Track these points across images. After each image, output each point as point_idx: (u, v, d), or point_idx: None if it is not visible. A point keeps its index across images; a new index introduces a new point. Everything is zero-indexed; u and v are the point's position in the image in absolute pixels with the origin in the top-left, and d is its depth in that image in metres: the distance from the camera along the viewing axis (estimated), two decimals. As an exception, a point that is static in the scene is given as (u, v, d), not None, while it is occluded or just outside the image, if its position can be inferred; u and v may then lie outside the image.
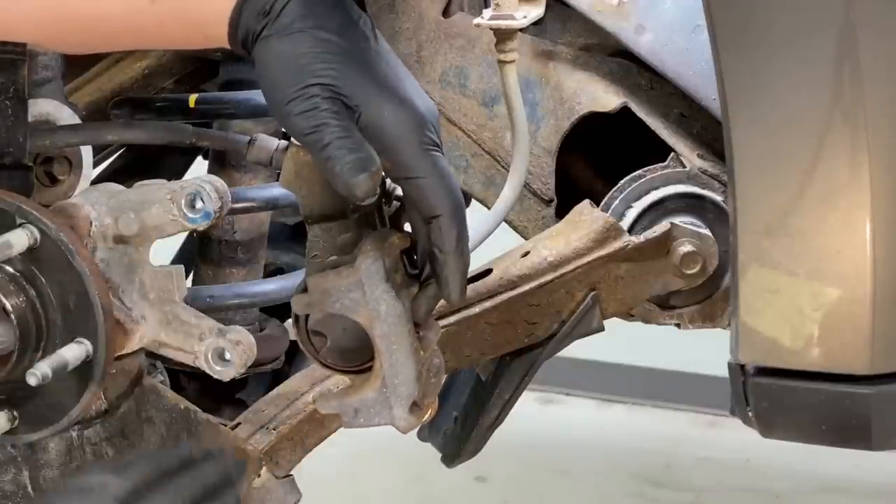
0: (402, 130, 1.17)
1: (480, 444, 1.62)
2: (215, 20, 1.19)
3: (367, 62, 1.18)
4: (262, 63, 1.17)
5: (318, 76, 1.15)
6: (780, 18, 1.22)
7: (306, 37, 1.16)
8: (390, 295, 1.20)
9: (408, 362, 1.21)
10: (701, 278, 1.47)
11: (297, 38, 1.16)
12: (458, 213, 1.19)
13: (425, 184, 1.17)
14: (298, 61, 1.16)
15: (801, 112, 1.23)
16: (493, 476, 2.83)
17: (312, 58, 1.16)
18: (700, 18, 1.27)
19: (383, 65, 1.19)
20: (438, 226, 1.18)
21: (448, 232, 1.18)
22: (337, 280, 1.21)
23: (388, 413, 1.22)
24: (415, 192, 1.18)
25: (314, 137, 1.14)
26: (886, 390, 1.27)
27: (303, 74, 1.15)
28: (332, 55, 1.16)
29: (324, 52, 1.16)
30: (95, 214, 1.29)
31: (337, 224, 1.24)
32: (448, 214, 1.18)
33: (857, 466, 2.81)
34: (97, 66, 1.73)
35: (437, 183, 1.18)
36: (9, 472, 1.38)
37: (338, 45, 1.16)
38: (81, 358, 1.25)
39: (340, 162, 1.14)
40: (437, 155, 1.18)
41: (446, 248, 1.19)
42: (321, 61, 1.15)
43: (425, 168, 1.17)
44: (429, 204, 1.18)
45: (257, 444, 1.43)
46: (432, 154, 1.18)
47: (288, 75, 1.16)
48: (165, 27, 1.22)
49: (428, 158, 1.17)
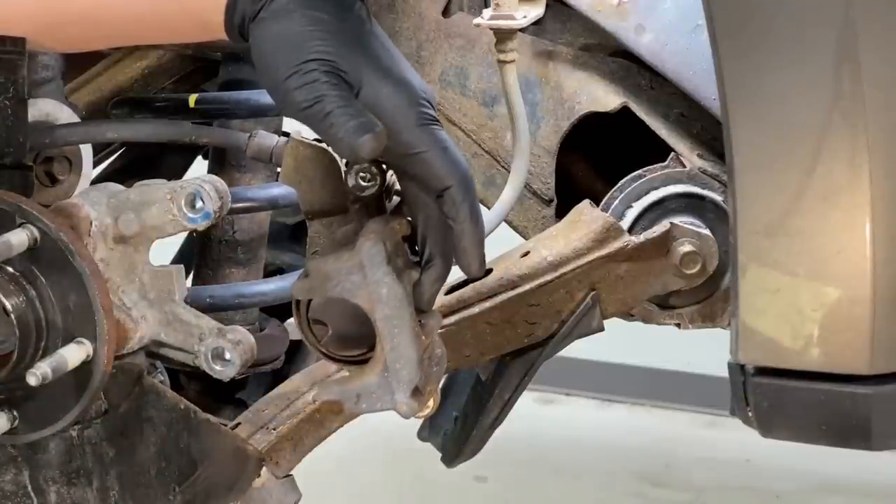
0: (401, 107, 1.17)
1: (480, 444, 1.62)
2: (212, 7, 1.20)
3: (363, 42, 1.18)
4: (257, 44, 1.18)
5: (316, 52, 1.15)
6: (779, 18, 1.22)
7: (302, 16, 1.16)
8: (391, 277, 1.19)
9: (410, 346, 1.20)
10: (701, 278, 1.47)
11: (293, 17, 1.16)
12: (468, 183, 1.19)
13: (430, 157, 1.17)
14: (294, 39, 1.16)
15: (800, 112, 1.23)
16: (493, 476, 2.83)
17: (308, 35, 1.16)
18: (700, 18, 1.27)
19: (378, 45, 1.19)
20: (451, 197, 1.18)
21: (461, 202, 1.18)
22: (337, 263, 1.20)
23: (390, 398, 1.22)
24: (420, 166, 1.18)
25: (315, 109, 1.14)
26: (886, 390, 1.27)
27: (300, 51, 1.15)
28: (328, 33, 1.16)
29: (320, 30, 1.16)
30: (95, 214, 1.29)
31: (337, 219, 1.24)
32: (458, 184, 1.18)
33: (857, 466, 2.81)
34: (97, 67, 1.73)
35: (441, 155, 1.17)
36: (9, 472, 1.38)
37: (333, 24, 1.17)
38: (81, 358, 1.26)
39: (344, 127, 1.13)
40: (438, 128, 1.18)
41: (461, 218, 1.18)
42: (318, 39, 1.16)
43: (428, 142, 1.17)
44: (437, 176, 1.18)
45: (257, 444, 1.43)
46: (432, 128, 1.18)
47: (284, 53, 1.16)
48: (163, 16, 1.22)
49: (429, 132, 1.18)
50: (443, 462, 1.70)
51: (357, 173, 1.22)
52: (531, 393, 3.08)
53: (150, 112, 1.68)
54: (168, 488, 1.38)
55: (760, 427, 1.32)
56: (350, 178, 1.22)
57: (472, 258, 1.20)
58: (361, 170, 1.22)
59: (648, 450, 2.99)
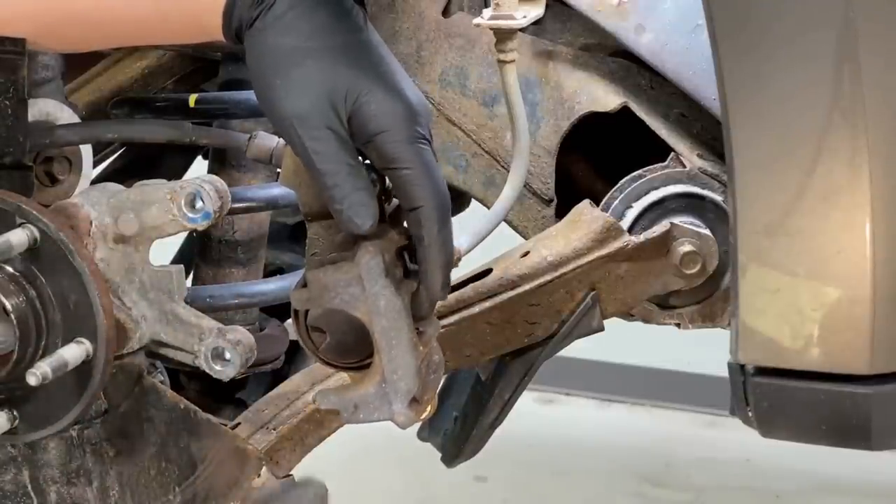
0: (393, 121, 1.17)
1: (480, 444, 1.62)
2: (211, 9, 1.20)
3: (359, 52, 1.18)
4: (251, 55, 1.18)
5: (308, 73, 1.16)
6: (779, 18, 1.22)
7: (297, 30, 1.17)
8: (389, 290, 1.20)
9: (407, 357, 1.21)
10: (701, 278, 1.47)
11: (289, 30, 1.17)
12: (441, 206, 1.19)
13: (410, 175, 1.17)
14: (289, 59, 1.16)
15: (801, 112, 1.23)
16: (493, 476, 2.83)
17: (304, 53, 1.16)
18: (700, 18, 1.27)
19: (375, 55, 1.19)
20: (419, 217, 1.18)
21: (428, 223, 1.18)
22: (336, 275, 1.21)
23: (388, 408, 1.22)
24: (399, 182, 1.18)
25: (312, 161, 1.17)
26: (886, 390, 1.27)
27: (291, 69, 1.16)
28: (324, 49, 1.16)
29: (315, 46, 1.16)
30: (95, 214, 1.29)
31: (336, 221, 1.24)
32: (430, 206, 1.18)
33: (857, 466, 2.81)
34: (97, 67, 1.73)
35: (421, 175, 1.18)
36: (9, 472, 1.38)
37: (329, 37, 1.17)
38: (81, 358, 1.26)
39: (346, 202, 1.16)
40: (425, 148, 1.18)
41: (427, 240, 1.19)
42: (312, 57, 1.16)
43: (411, 160, 1.17)
44: (411, 195, 1.18)
45: (257, 444, 1.43)
46: (420, 147, 1.18)
47: (277, 70, 1.16)
48: (162, 17, 1.22)
49: (415, 150, 1.18)
50: (443, 462, 1.70)
51: None
52: (531, 393, 3.08)
53: (150, 112, 1.68)
54: (168, 488, 1.38)
55: (760, 427, 1.32)
56: None
57: (433, 280, 1.20)
58: None
59: (648, 450, 2.99)
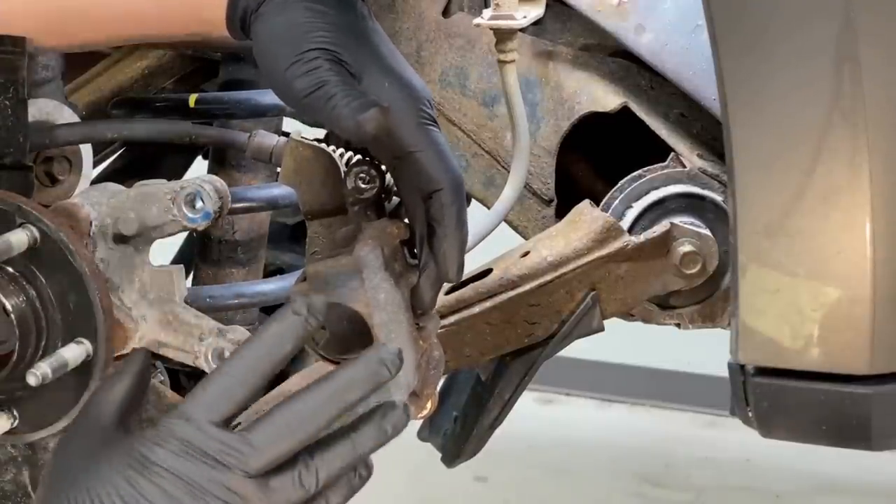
0: (401, 104, 1.16)
1: (480, 444, 1.62)
2: (213, 1, 1.20)
3: (364, 36, 1.18)
4: (259, 37, 1.18)
5: (318, 42, 1.15)
6: (779, 18, 1.22)
7: (304, 9, 1.16)
8: (389, 283, 1.19)
9: (407, 351, 1.20)
10: (701, 278, 1.47)
11: (295, 9, 1.16)
12: (458, 188, 1.19)
13: (424, 157, 1.17)
14: (297, 30, 1.16)
15: (800, 112, 1.23)
16: (493, 476, 2.83)
17: (311, 26, 1.16)
18: (700, 18, 1.27)
19: (380, 42, 1.19)
20: (439, 199, 1.18)
21: (449, 206, 1.18)
22: (336, 268, 1.20)
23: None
24: (413, 166, 1.18)
25: (317, 94, 1.13)
26: (886, 390, 1.27)
27: (302, 41, 1.15)
28: (331, 25, 1.16)
29: (322, 21, 1.16)
30: (95, 214, 1.29)
31: (337, 220, 1.24)
32: (448, 188, 1.18)
33: (857, 466, 2.81)
34: (97, 67, 1.73)
35: (435, 156, 1.17)
36: (9, 472, 1.37)
37: (336, 17, 1.17)
38: (81, 358, 1.25)
39: (347, 107, 1.12)
40: (435, 130, 1.18)
41: (447, 221, 1.18)
42: (320, 29, 1.15)
43: (424, 142, 1.17)
44: (429, 177, 1.17)
45: (257, 444, 1.42)
46: (430, 128, 1.18)
47: (286, 43, 1.15)
48: (164, 12, 1.22)
49: (426, 132, 1.17)
50: (443, 462, 1.70)
51: (356, 175, 1.22)
52: (531, 393, 3.08)
53: (150, 112, 1.68)
54: (168, 488, 1.38)
55: (760, 427, 1.32)
56: (349, 180, 1.22)
57: (451, 263, 1.19)
58: (361, 172, 1.22)
59: (648, 450, 3.00)
